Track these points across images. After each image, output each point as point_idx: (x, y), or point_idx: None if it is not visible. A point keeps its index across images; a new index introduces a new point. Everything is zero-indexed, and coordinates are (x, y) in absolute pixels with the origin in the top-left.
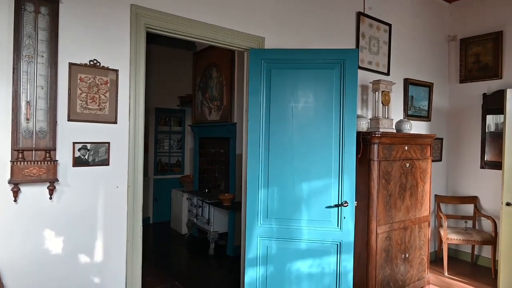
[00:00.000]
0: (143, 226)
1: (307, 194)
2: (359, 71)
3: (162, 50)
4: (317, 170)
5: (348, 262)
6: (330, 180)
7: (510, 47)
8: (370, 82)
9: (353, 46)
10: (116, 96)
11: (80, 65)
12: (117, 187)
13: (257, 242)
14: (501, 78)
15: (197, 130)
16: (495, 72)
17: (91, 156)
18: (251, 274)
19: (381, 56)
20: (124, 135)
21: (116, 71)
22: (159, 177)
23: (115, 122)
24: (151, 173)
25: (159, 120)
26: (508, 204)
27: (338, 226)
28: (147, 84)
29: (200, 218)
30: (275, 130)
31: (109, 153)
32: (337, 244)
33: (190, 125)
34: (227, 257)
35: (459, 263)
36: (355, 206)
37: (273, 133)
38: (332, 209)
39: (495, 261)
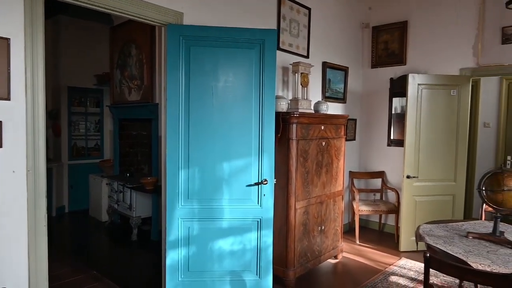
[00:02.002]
0: (57, 215)
1: (228, 173)
2: (281, 53)
3: (75, 23)
4: (238, 149)
5: (268, 238)
6: (250, 159)
7: (413, 36)
8: (290, 64)
9: (275, 28)
10: (8, 69)
11: None
12: (14, 171)
13: (178, 224)
14: (405, 64)
15: (117, 111)
16: (400, 59)
17: None
18: (172, 256)
19: (301, 39)
20: (20, 113)
21: (7, 40)
22: (75, 162)
23: (8, 99)
24: (65, 158)
25: (72, 100)
26: (408, 177)
27: (258, 203)
28: (58, 60)
29: (122, 203)
30: (195, 109)
31: (1, 133)
32: (258, 221)
33: (108, 105)
34: (151, 242)
35: (369, 232)
36: (275, 183)
37: (193, 113)
38: (252, 187)
39: (398, 228)
